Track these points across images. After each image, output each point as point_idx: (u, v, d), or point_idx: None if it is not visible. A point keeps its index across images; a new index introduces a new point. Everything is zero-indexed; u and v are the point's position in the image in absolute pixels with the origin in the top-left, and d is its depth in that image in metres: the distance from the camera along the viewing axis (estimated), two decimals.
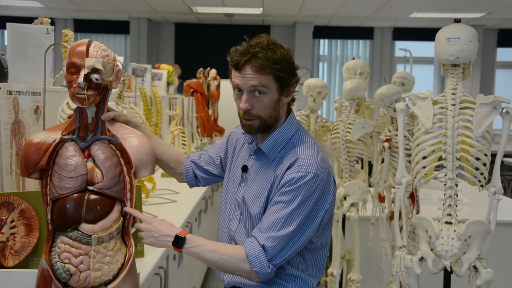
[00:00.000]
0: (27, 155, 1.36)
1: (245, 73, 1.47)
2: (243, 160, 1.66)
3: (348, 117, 2.82)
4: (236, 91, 1.53)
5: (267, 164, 1.57)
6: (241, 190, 1.61)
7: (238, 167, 1.66)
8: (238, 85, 1.50)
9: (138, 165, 1.44)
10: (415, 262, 1.83)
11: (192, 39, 9.59)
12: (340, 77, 9.56)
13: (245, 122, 1.53)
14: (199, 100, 4.83)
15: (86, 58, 1.34)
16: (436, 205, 2.01)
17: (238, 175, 1.65)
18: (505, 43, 9.49)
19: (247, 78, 1.47)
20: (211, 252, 1.46)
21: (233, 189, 1.65)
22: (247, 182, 1.61)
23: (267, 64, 1.46)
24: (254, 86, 1.47)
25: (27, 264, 1.67)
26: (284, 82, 1.50)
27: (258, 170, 1.59)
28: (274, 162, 1.55)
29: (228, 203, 1.67)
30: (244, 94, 1.49)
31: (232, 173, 1.69)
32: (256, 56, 1.45)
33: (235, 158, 1.70)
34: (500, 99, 1.74)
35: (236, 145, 1.73)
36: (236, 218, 1.62)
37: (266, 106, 1.50)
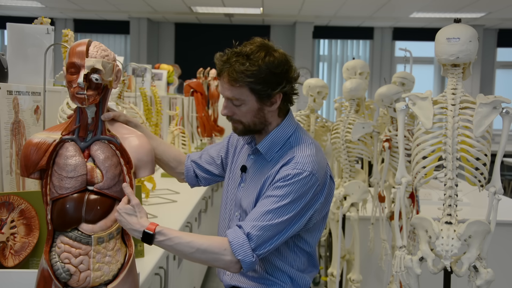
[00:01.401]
0: (27, 155, 1.36)
1: (223, 82, 1.48)
2: (243, 160, 1.66)
3: (348, 117, 2.82)
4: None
5: (263, 165, 1.56)
6: (240, 190, 1.61)
7: (238, 167, 1.66)
8: (220, 92, 1.54)
9: (138, 165, 1.44)
10: (415, 262, 1.83)
11: (192, 39, 9.59)
12: (340, 77, 9.56)
13: (233, 125, 1.56)
14: (199, 100, 4.83)
15: (86, 58, 1.34)
16: (436, 205, 2.01)
17: (238, 175, 1.65)
18: (505, 43, 9.49)
19: (224, 88, 1.48)
20: (186, 244, 1.38)
21: (233, 189, 1.66)
22: (246, 182, 1.60)
23: (240, 77, 1.42)
24: (228, 97, 1.48)
25: (27, 264, 1.67)
26: (262, 94, 1.45)
27: (256, 171, 1.58)
28: (271, 163, 1.53)
29: (229, 203, 1.67)
30: (224, 101, 1.52)
31: (232, 173, 1.69)
32: (232, 67, 1.43)
33: (236, 158, 1.70)
34: (500, 99, 1.74)
35: (237, 145, 1.72)
36: (236, 218, 1.61)
37: (246, 114, 1.49)
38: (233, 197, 1.65)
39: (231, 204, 1.66)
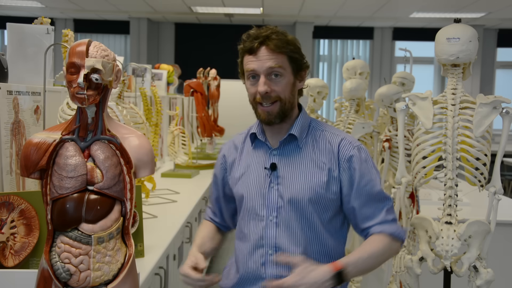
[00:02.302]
0: (27, 155, 1.36)
1: (261, 55, 1.47)
2: (256, 163, 1.57)
3: (348, 117, 2.82)
4: (251, 78, 1.51)
5: (297, 153, 1.53)
6: (273, 191, 1.51)
7: (255, 172, 1.56)
8: (254, 69, 1.48)
9: (138, 165, 1.44)
10: (415, 262, 1.83)
11: (192, 39, 9.59)
12: (340, 77, 9.56)
13: (264, 109, 1.49)
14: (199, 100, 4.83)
15: (86, 58, 1.34)
16: (436, 205, 2.01)
17: (261, 177, 1.54)
18: (505, 43, 9.49)
19: (263, 60, 1.47)
20: (368, 259, 1.43)
21: (258, 196, 1.53)
22: (282, 179, 1.51)
23: (282, 44, 1.47)
24: (271, 67, 1.47)
25: (27, 264, 1.67)
26: (298, 63, 1.53)
27: (291, 163, 1.52)
28: (305, 149, 1.53)
29: (252, 213, 1.55)
30: (261, 78, 1.47)
31: (246, 183, 1.57)
32: (270, 38, 1.47)
33: (238, 168, 1.61)
34: (500, 99, 1.74)
35: (230, 157, 1.66)
36: (272, 223, 1.50)
37: (285, 88, 1.50)
38: (260, 203, 1.53)
39: (258, 213, 1.53)
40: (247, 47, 1.49)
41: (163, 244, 2.17)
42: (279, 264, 1.47)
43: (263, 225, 1.51)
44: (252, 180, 1.56)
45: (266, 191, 1.52)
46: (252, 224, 1.54)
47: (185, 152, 4.09)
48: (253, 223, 1.54)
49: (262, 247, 1.51)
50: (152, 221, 2.57)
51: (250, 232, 1.54)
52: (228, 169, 1.65)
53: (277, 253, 1.48)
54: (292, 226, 1.50)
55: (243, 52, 1.52)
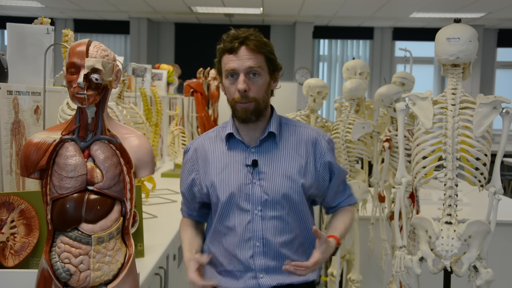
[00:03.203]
0: (27, 155, 1.36)
1: (241, 55, 1.54)
2: (235, 162, 1.61)
3: (348, 117, 2.82)
4: (229, 77, 1.56)
5: (275, 149, 1.62)
6: (256, 186, 1.58)
7: (235, 170, 1.60)
8: (234, 68, 1.54)
9: (138, 165, 1.44)
10: (415, 262, 1.83)
11: (192, 39, 9.59)
12: (340, 77, 9.56)
13: (241, 106, 1.56)
14: (199, 100, 4.83)
15: (86, 58, 1.34)
16: (436, 205, 2.01)
17: (243, 175, 1.59)
18: (505, 43, 9.49)
19: (243, 60, 1.53)
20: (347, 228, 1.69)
21: (241, 192, 1.58)
22: (263, 174, 1.58)
23: (260, 44, 1.55)
24: (251, 67, 1.53)
25: (27, 264, 1.67)
26: (274, 64, 1.60)
27: (272, 159, 1.61)
28: (281, 144, 1.63)
29: (232, 210, 1.59)
30: (240, 76, 1.54)
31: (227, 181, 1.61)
32: (249, 38, 1.54)
33: (214, 168, 1.63)
34: (500, 99, 1.74)
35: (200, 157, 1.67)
36: (257, 217, 1.57)
37: (261, 88, 1.57)
38: (244, 199, 1.58)
39: (242, 208, 1.59)
40: (228, 47, 1.55)
41: (163, 244, 2.17)
42: (267, 256, 1.57)
43: (249, 218, 1.58)
44: (233, 178, 1.60)
45: (250, 187, 1.58)
46: (237, 218, 1.59)
47: None
48: (238, 218, 1.59)
49: (250, 240, 1.58)
50: (152, 221, 2.57)
51: (236, 226, 1.59)
52: (200, 171, 1.65)
53: (264, 245, 1.58)
54: (277, 218, 1.59)
55: (222, 51, 1.57)
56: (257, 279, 1.57)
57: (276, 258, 1.58)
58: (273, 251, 1.58)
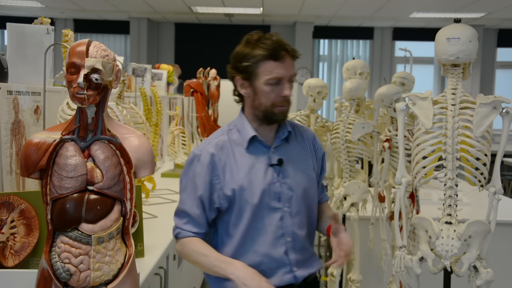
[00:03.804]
0: (27, 155, 1.36)
1: (287, 63, 1.60)
2: (258, 162, 1.63)
3: (348, 117, 2.82)
4: (271, 85, 1.59)
5: (290, 147, 1.71)
6: (282, 184, 1.64)
7: (260, 170, 1.62)
8: (282, 76, 1.59)
9: (138, 165, 1.44)
10: (415, 262, 1.83)
11: (192, 39, 9.59)
12: (340, 77, 9.56)
13: (282, 109, 1.63)
14: (199, 100, 4.83)
15: (86, 58, 1.34)
16: (436, 205, 2.01)
17: (269, 174, 1.62)
18: (505, 43, 9.50)
19: (288, 68, 1.61)
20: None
21: (270, 191, 1.62)
22: (288, 172, 1.66)
23: (296, 54, 1.64)
24: (293, 75, 1.63)
25: (27, 264, 1.67)
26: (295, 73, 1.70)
27: (292, 157, 1.70)
28: (292, 143, 1.73)
29: (263, 210, 1.62)
30: (286, 83, 1.61)
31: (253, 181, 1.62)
32: (289, 46, 1.62)
33: (236, 171, 1.62)
34: (500, 99, 1.74)
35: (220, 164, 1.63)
36: (287, 213, 1.64)
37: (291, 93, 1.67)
38: (270, 197, 1.62)
39: (270, 207, 1.62)
40: (273, 54, 1.58)
41: (163, 244, 2.17)
42: (295, 249, 1.66)
43: (279, 216, 1.64)
44: (261, 178, 1.63)
45: (277, 185, 1.64)
46: (265, 217, 1.63)
47: (185, 152, 4.09)
48: (269, 217, 1.63)
49: (282, 237, 1.64)
50: (152, 221, 2.57)
51: (266, 225, 1.63)
52: (220, 176, 1.62)
53: (294, 239, 1.66)
54: (300, 213, 1.68)
55: (264, 57, 1.58)
56: (292, 273, 1.65)
57: (302, 250, 1.68)
58: (300, 244, 1.67)
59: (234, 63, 1.64)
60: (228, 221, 1.64)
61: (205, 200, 1.62)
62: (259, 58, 1.58)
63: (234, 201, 1.61)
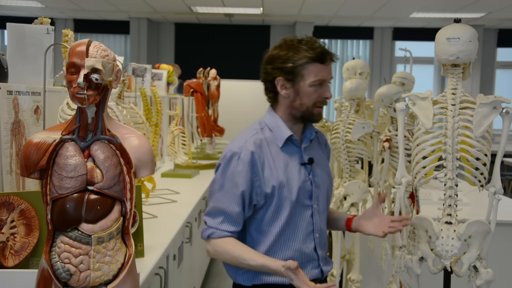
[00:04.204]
0: (27, 155, 1.36)
1: (329, 67, 1.70)
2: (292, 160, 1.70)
3: (348, 117, 2.82)
4: (315, 86, 1.66)
5: (314, 147, 1.80)
6: (312, 183, 1.72)
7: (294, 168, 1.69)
8: (326, 79, 1.68)
9: (138, 165, 1.44)
10: (415, 262, 1.83)
11: (192, 39, 9.59)
12: (340, 77, 9.55)
13: (320, 110, 1.71)
14: (199, 100, 4.83)
15: (86, 58, 1.34)
16: (436, 205, 2.01)
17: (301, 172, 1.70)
18: (505, 43, 9.49)
19: (330, 71, 1.71)
20: None
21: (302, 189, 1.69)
22: (316, 171, 1.75)
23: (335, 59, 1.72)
24: (331, 78, 1.71)
25: (27, 264, 1.67)
26: None
27: (316, 157, 1.77)
28: (314, 143, 1.81)
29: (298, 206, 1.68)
30: (327, 85, 1.70)
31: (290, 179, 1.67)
32: (331, 52, 1.71)
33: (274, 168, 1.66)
34: (500, 99, 1.74)
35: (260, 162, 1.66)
36: (316, 211, 1.73)
37: None
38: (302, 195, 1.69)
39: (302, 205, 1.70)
40: (321, 57, 1.66)
41: (163, 244, 2.17)
42: (320, 245, 1.75)
43: (310, 213, 1.72)
44: (296, 176, 1.69)
45: (308, 183, 1.72)
46: (299, 214, 1.70)
47: (185, 152, 4.09)
48: (300, 213, 1.70)
49: (312, 233, 1.72)
50: (152, 221, 2.57)
51: (299, 221, 1.70)
52: (259, 173, 1.65)
53: (320, 235, 1.75)
54: (324, 210, 1.78)
55: (312, 59, 1.65)
56: (319, 268, 1.74)
57: (324, 247, 1.79)
58: (324, 241, 1.78)
59: (276, 64, 1.67)
60: (261, 219, 1.68)
61: (246, 197, 1.65)
62: (307, 60, 1.65)
63: (272, 198, 1.66)
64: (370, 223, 1.74)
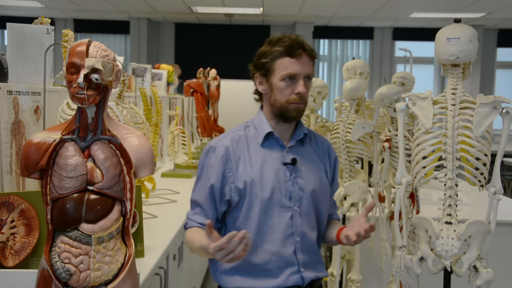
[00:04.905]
0: (27, 155, 1.36)
1: (303, 60, 1.63)
2: (271, 160, 1.65)
3: (348, 117, 2.82)
4: (287, 79, 1.62)
5: (304, 149, 1.73)
6: (294, 184, 1.66)
7: (273, 168, 1.65)
8: (297, 73, 1.62)
9: (138, 165, 1.44)
10: (415, 262, 1.83)
11: (192, 39, 9.59)
12: (340, 77, 9.56)
13: (296, 107, 1.64)
14: (199, 100, 4.83)
15: (86, 58, 1.34)
16: (436, 205, 2.01)
17: (281, 172, 1.65)
18: (505, 43, 9.49)
19: (304, 66, 1.63)
20: None
21: (282, 189, 1.64)
22: (301, 173, 1.68)
23: (314, 53, 1.67)
24: (309, 74, 1.65)
25: (27, 264, 1.67)
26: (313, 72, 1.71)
27: (304, 158, 1.71)
28: (306, 145, 1.75)
29: (274, 207, 1.64)
30: (301, 80, 1.63)
31: (266, 178, 1.64)
32: (307, 45, 1.65)
33: (250, 166, 1.64)
34: (500, 99, 1.74)
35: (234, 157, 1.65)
36: (296, 213, 1.66)
37: (307, 92, 1.67)
38: (283, 195, 1.64)
39: (282, 204, 1.64)
40: (290, 51, 1.62)
41: (163, 244, 2.17)
42: (303, 250, 1.67)
43: (290, 215, 1.65)
44: (273, 175, 1.65)
45: (289, 184, 1.66)
46: (276, 215, 1.65)
47: (185, 152, 4.09)
48: (277, 215, 1.65)
49: (292, 236, 1.66)
50: (152, 221, 2.57)
51: (276, 223, 1.64)
52: (233, 168, 1.65)
53: (302, 239, 1.66)
54: (310, 214, 1.69)
55: (281, 54, 1.63)
56: (299, 273, 1.66)
57: (310, 252, 1.69)
58: (308, 246, 1.68)
59: (254, 61, 1.69)
60: (237, 217, 1.66)
61: (216, 191, 1.65)
62: (276, 54, 1.64)
63: (245, 195, 1.64)
64: (351, 230, 1.61)
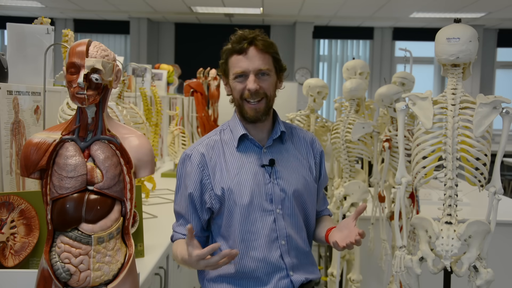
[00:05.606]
0: (27, 155, 1.36)
1: (251, 56, 1.55)
2: (249, 162, 1.59)
3: (348, 117, 2.82)
4: (238, 78, 1.57)
5: (283, 148, 1.66)
6: (274, 185, 1.59)
7: (251, 171, 1.59)
8: (245, 69, 1.55)
9: (138, 165, 1.44)
10: (415, 262, 1.83)
11: (192, 39, 9.59)
12: (340, 77, 9.56)
13: (252, 106, 1.57)
14: (199, 100, 4.83)
15: (86, 58, 1.34)
16: (436, 205, 2.01)
17: (259, 175, 1.59)
18: (505, 43, 9.49)
19: (253, 60, 1.55)
20: None
21: (261, 192, 1.58)
22: (281, 173, 1.61)
23: (268, 45, 1.57)
24: (261, 69, 1.55)
25: (27, 264, 1.67)
26: (280, 65, 1.62)
27: (284, 158, 1.64)
28: (287, 144, 1.68)
29: (255, 211, 1.57)
30: (251, 76, 1.55)
31: (243, 182, 1.58)
32: (257, 39, 1.55)
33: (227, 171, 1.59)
34: (500, 99, 1.74)
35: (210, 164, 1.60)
36: (279, 215, 1.59)
37: (269, 87, 1.58)
38: (263, 198, 1.58)
39: (263, 209, 1.57)
40: (236, 48, 1.56)
41: (163, 244, 2.17)
42: (291, 253, 1.60)
43: (272, 218, 1.59)
44: (251, 179, 1.58)
45: (269, 186, 1.59)
46: (259, 220, 1.58)
47: None
48: (260, 220, 1.58)
49: (277, 240, 1.59)
50: (152, 221, 2.57)
51: (259, 228, 1.58)
52: (210, 175, 1.59)
53: (288, 242, 1.59)
54: (294, 215, 1.62)
55: (230, 52, 1.58)
56: (288, 278, 1.59)
57: (298, 255, 1.63)
58: (295, 248, 1.62)
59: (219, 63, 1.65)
60: (221, 224, 1.61)
61: (196, 199, 1.60)
62: (227, 53, 1.59)
63: (224, 202, 1.58)
64: (339, 234, 1.54)
